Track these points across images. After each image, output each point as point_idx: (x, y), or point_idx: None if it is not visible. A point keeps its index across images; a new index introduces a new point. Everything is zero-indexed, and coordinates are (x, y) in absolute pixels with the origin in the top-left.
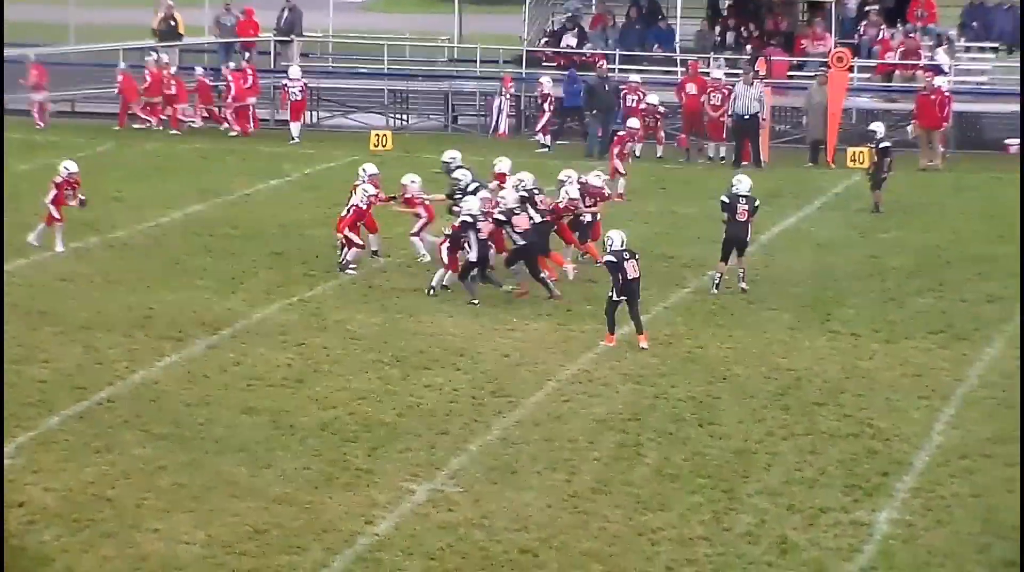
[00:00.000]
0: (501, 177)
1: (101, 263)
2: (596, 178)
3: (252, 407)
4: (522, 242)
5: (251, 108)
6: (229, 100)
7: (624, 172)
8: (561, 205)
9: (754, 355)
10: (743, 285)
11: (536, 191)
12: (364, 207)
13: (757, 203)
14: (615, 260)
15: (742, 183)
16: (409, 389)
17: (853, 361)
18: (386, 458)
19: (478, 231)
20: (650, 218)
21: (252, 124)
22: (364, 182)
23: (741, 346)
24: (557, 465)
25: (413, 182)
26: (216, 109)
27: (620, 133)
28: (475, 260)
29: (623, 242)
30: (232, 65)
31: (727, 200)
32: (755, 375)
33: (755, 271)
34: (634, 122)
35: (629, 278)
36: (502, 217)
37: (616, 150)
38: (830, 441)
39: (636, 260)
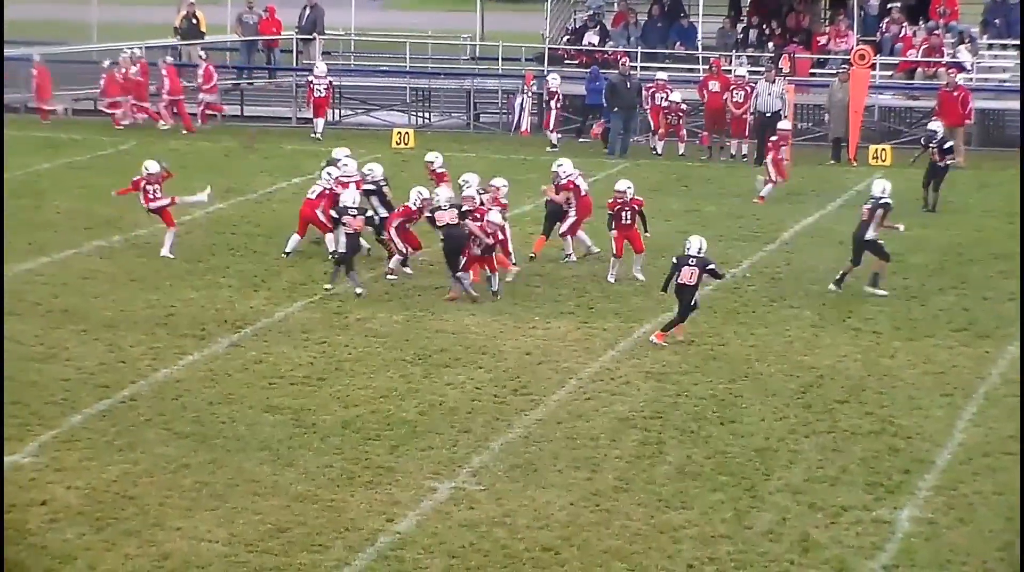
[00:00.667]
0: (440, 176)
1: (124, 261)
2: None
3: (274, 405)
4: (442, 239)
5: (203, 104)
6: (164, 95)
7: (784, 177)
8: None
9: (776, 353)
10: (869, 287)
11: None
12: (414, 208)
13: (884, 202)
14: (675, 261)
15: (876, 185)
16: (431, 387)
17: (875, 359)
18: (408, 456)
19: (345, 225)
20: (672, 216)
21: (201, 121)
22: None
23: (763, 344)
24: (579, 463)
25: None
26: (149, 105)
27: (773, 138)
28: (344, 252)
29: (700, 249)
30: (169, 59)
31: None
32: (777, 373)
33: (776, 269)
34: (785, 124)
35: (679, 282)
36: (428, 214)
37: (771, 156)
38: (852, 439)
39: (710, 270)
